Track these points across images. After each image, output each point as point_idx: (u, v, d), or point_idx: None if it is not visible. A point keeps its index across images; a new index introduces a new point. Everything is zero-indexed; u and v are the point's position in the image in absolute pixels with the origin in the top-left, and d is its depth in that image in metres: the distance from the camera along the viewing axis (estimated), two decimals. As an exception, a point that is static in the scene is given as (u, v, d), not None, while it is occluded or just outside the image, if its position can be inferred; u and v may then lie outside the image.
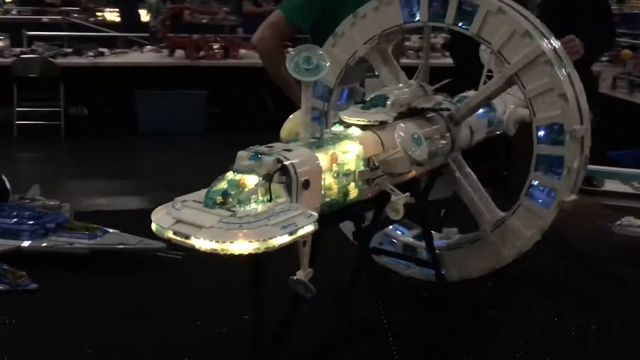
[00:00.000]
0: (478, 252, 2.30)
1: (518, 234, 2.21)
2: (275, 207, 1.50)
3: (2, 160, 7.84)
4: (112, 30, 13.07)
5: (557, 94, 2.04)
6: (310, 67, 1.65)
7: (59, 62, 9.10)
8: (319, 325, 2.43)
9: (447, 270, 2.33)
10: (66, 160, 9.30)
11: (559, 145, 2.08)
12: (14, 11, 16.04)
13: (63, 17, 14.04)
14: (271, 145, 1.66)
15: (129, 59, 9.44)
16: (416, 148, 1.79)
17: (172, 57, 9.33)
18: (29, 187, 3.53)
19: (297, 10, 2.92)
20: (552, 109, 2.06)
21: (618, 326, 2.56)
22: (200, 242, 1.40)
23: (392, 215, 1.83)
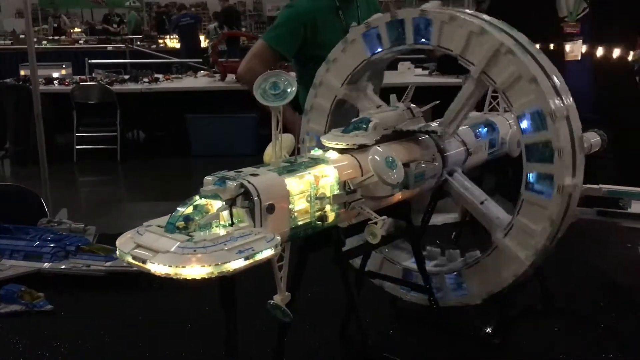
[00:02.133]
0: (496, 263, 2.24)
1: (529, 232, 2.14)
2: (235, 231, 1.53)
3: (63, 184, 8.15)
4: (172, 57, 13.46)
5: (527, 80, 2.01)
6: (278, 92, 1.68)
7: (116, 89, 9.43)
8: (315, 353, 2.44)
9: (470, 288, 2.28)
10: (122, 183, 9.58)
11: (543, 131, 2.03)
12: (82, 40, 16.83)
13: (126, 45, 14.62)
14: (240, 170, 1.69)
15: (182, 84, 9.71)
16: (390, 171, 1.78)
17: (223, 81, 9.54)
18: (86, 210, 3.69)
19: (279, 38, 3.00)
20: (526, 95, 2.02)
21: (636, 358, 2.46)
22: (155, 266, 1.43)
23: (370, 239, 1.83)
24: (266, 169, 1.72)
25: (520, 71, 2.02)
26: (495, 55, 2.04)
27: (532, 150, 2.08)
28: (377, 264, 2.49)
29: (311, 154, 1.89)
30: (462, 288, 2.30)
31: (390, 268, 2.46)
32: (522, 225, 2.14)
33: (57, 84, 9.51)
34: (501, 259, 2.22)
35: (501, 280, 2.23)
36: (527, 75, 2.01)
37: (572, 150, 2.03)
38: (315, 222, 1.79)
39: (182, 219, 1.54)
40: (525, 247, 2.16)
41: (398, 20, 2.21)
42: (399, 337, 2.59)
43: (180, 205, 1.58)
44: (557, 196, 2.04)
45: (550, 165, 2.04)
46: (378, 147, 1.83)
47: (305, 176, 1.75)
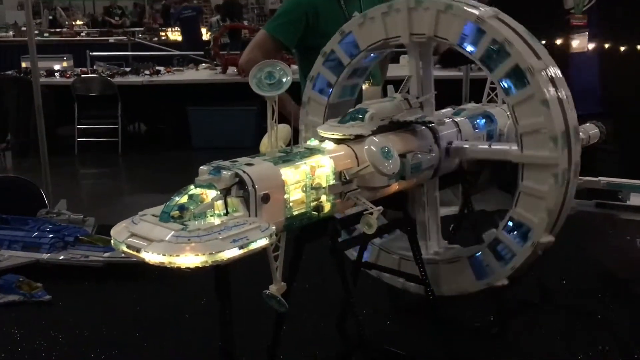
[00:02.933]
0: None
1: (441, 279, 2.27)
2: (229, 221, 1.52)
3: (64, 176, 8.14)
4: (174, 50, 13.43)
5: (544, 206, 2.02)
6: (273, 82, 1.67)
7: (117, 81, 9.41)
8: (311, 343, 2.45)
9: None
10: (123, 175, 9.58)
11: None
12: (83, 33, 16.79)
13: (128, 38, 14.58)
14: (235, 160, 1.69)
15: (183, 77, 9.69)
16: (386, 161, 1.78)
17: (224, 74, 9.51)
18: (87, 201, 3.70)
19: (281, 28, 2.98)
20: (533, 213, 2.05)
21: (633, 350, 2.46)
22: (149, 255, 1.43)
23: (365, 229, 1.83)
24: (261, 159, 1.72)
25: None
26: None
27: None
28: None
29: (307, 144, 1.88)
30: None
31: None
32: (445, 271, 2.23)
33: (58, 76, 9.49)
34: None
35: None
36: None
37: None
38: (311, 212, 1.79)
39: (176, 208, 1.53)
40: None
41: None
42: (396, 328, 2.60)
43: (175, 194, 1.58)
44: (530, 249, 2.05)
45: None
46: (374, 138, 1.83)
47: (301, 166, 1.75)
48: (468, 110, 2.45)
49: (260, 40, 3.06)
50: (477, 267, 2.20)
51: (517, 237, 2.09)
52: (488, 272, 2.17)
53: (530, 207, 2.05)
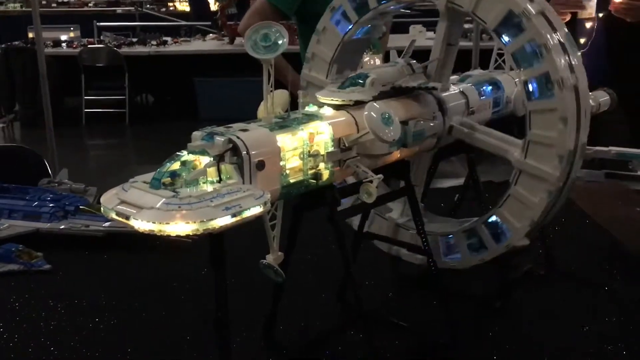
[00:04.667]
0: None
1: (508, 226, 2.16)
2: (222, 188, 1.48)
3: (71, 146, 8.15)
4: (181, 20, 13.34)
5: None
6: (269, 44, 1.61)
7: (124, 52, 9.36)
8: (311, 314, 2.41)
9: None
10: (130, 146, 9.58)
11: None
12: (91, 3, 16.69)
13: (135, 8, 14.47)
14: (229, 125, 1.64)
15: (190, 48, 9.61)
16: (386, 128, 1.72)
17: (232, 44, 9.43)
18: (94, 172, 3.67)
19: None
20: None
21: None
22: (139, 223, 1.39)
23: (365, 198, 1.78)
24: (257, 125, 1.66)
25: None
26: None
27: None
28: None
29: (305, 110, 1.83)
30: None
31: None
32: None
33: (65, 47, 9.45)
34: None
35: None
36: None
37: None
38: (309, 181, 1.74)
39: (168, 175, 1.49)
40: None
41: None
42: (398, 299, 2.56)
43: (166, 160, 1.54)
44: None
45: None
46: (374, 103, 1.77)
47: (299, 133, 1.69)
48: (474, 77, 2.39)
49: (259, 6, 3.01)
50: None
51: None
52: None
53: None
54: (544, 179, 1.97)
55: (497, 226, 2.13)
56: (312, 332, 2.30)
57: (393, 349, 2.22)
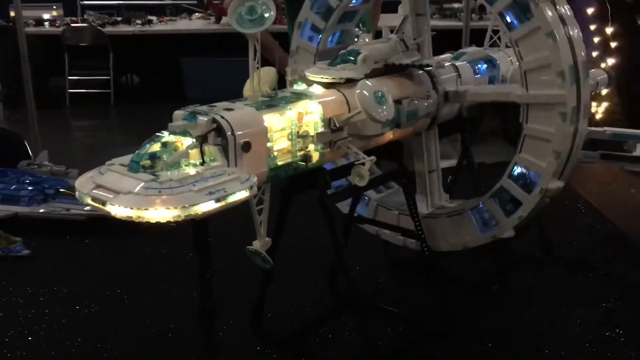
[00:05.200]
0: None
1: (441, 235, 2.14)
2: (206, 171, 1.38)
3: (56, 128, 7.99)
4: (165, -1, 13.07)
5: (551, 149, 1.87)
6: (255, 18, 1.51)
7: (108, 31, 9.14)
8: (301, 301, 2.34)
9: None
10: (115, 128, 9.42)
11: None
12: (74, -19, 16.37)
13: (120, -14, 14.18)
14: (213, 104, 1.54)
15: (176, 27, 9.41)
16: (379, 107, 1.63)
17: (218, 23, 9.25)
18: (79, 153, 3.57)
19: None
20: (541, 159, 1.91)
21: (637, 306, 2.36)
22: (116, 208, 1.30)
23: (356, 181, 1.69)
24: (242, 104, 1.57)
25: None
26: None
27: None
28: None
29: (294, 89, 1.73)
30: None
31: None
32: None
33: (48, 26, 9.23)
34: None
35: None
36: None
37: None
38: (298, 163, 1.65)
39: (147, 157, 1.39)
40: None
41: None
42: (391, 285, 2.50)
43: (146, 141, 1.44)
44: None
45: None
46: (367, 81, 1.67)
47: (287, 112, 1.60)
48: (469, 54, 2.30)
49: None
50: (481, 219, 2.07)
51: (523, 185, 1.95)
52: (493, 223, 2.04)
53: (537, 151, 1.90)
54: (553, 104, 1.84)
55: (524, 176, 1.96)
56: (302, 319, 2.23)
57: (386, 336, 2.16)
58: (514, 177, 1.97)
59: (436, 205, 2.18)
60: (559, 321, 2.24)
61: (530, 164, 1.92)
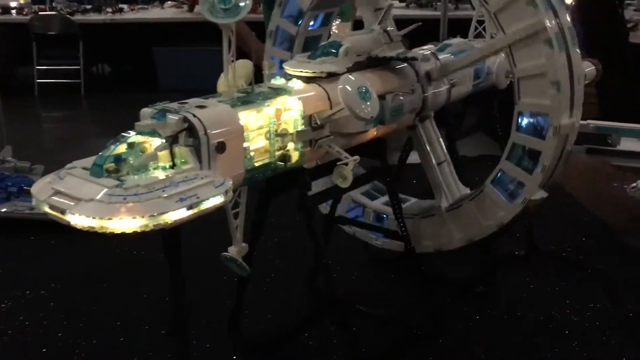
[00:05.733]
0: (432, 227, 2.06)
1: (473, 221, 1.96)
2: (176, 175, 1.27)
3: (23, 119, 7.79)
4: (137, -14, 12.83)
5: (548, 81, 1.73)
6: (229, 7, 1.39)
7: (77, 19, 8.93)
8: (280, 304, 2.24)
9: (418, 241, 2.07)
10: (86, 119, 9.23)
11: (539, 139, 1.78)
12: (42, -32, 16.00)
13: (89, -27, 13.89)
14: (185, 101, 1.42)
15: (148, 15, 9.21)
16: (363, 103, 1.52)
17: (192, 12, 9.07)
18: (49, 145, 3.43)
19: None
20: (542, 96, 1.75)
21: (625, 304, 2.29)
22: (76, 218, 1.17)
23: (339, 182, 1.58)
24: (216, 100, 1.45)
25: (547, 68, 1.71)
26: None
27: None
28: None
29: (272, 83, 1.62)
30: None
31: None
32: (469, 213, 1.93)
33: (15, 14, 8.97)
34: (440, 227, 2.05)
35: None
36: (551, 76, 1.71)
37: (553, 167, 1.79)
38: (277, 163, 1.54)
39: (112, 159, 1.27)
40: (461, 231, 1.99)
41: None
42: (373, 285, 2.40)
43: (110, 142, 1.32)
44: (520, 205, 1.83)
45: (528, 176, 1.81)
46: (350, 76, 1.57)
47: (264, 109, 1.49)
48: (453, 46, 2.19)
49: None
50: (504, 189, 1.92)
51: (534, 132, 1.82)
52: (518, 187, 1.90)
53: (536, 90, 1.77)
54: (534, 33, 1.71)
55: (532, 124, 1.81)
56: (282, 324, 2.12)
57: (370, 340, 2.06)
58: (523, 129, 1.82)
59: (456, 197, 2.04)
60: (547, 322, 2.17)
61: (534, 106, 1.78)
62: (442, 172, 2.07)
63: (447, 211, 2.02)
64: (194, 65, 8.96)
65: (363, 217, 2.24)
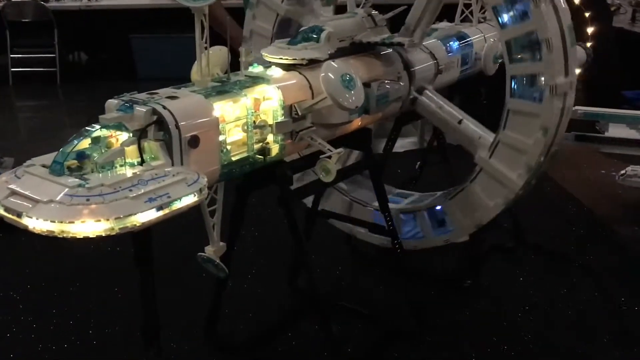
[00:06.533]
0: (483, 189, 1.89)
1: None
2: (145, 172, 1.16)
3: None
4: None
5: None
6: (201, -11, 1.29)
7: (51, 6, 8.71)
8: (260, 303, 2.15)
9: (459, 220, 1.93)
10: (63, 108, 9.05)
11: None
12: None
13: (65, -41, 13.60)
14: (154, 91, 1.31)
15: (124, 2, 9.01)
16: (347, 92, 1.42)
17: (170, -2, 8.89)
18: (23, 137, 3.29)
19: None
20: None
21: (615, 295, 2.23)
22: (34, 221, 1.07)
23: (322, 177, 1.49)
24: (189, 90, 1.35)
25: None
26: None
27: None
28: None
29: (249, 71, 1.51)
30: (445, 225, 1.97)
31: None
32: (510, 141, 1.77)
33: (-12, 1, 8.74)
34: (489, 184, 1.87)
35: (491, 207, 1.86)
36: None
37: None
38: (255, 157, 1.44)
39: (74, 156, 1.16)
40: (516, 166, 1.79)
41: None
42: (356, 281, 2.31)
43: (73, 137, 1.21)
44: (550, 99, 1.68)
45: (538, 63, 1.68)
46: (332, 63, 1.47)
47: (241, 99, 1.38)
48: (440, 31, 2.11)
49: None
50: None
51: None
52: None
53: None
54: None
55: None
56: (261, 324, 2.03)
57: (354, 339, 1.98)
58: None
59: (490, 142, 1.86)
60: (534, 315, 2.10)
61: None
62: (466, 128, 1.92)
63: (450, 199, 1.92)
64: (173, 52, 8.78)
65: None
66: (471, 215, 1.88)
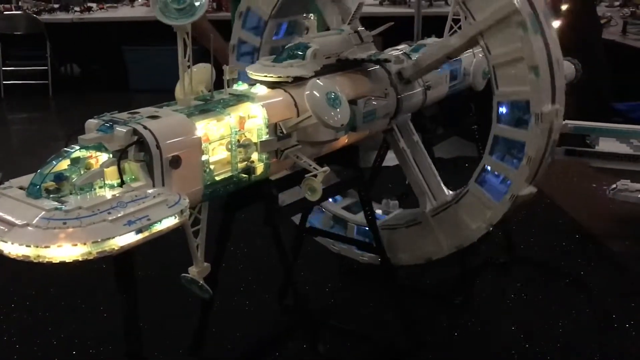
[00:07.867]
0: (419, 236, 1.93)
1: (461, 225, 1.84)
2: (125, 194, 1.14)
3: (-10, 122, 7.59)
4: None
5: (526, 66, 1.63)
6: (183, 7, 1.27)
7: (44, 19, 8.72)
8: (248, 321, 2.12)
9: (394, 254, 1.95)
10: (54, 121, 9.03)
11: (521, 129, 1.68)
12: (9, -34, 15.65)
13: (57, -29, 13.61)
14: (136, 110, 1.29)
15: (117, 14, 9.01)
16: (333, 110, 1.41)
17: (162, 10, 8.90)
18: (15, 150, 3.26)
19: None
20: (521, 82, 1.65)
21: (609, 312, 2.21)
22: (9, 246, 1.04)
23: (308, 196, 1.47)
24: (171, 109, 1.33)
25: None
26: None
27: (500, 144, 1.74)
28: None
29: (233, 89, 1.49)
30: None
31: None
32: (456, 216, 1.81)
33: (-20, 14, 8.73)
34: (424, 237, 1.93)
35: (418, 255, 1.93)
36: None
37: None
38: (240, 176, 1.42)
39: (52, 177, 1.14)
40: (453, 237, 1.87)
41: None
42: (346, 298, 2.29)
43: (51, 157, 1.19)
44: (508, 202, 1.71)
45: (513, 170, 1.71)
46: (318, 81, 1.45)
47: (225, 118, 1.37)
48: (428, 47, 2.09)
49: None
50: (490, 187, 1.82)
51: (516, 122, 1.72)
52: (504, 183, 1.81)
53: (514, 79, 1.68)
54: (506, 17, 1.62)
55: (511, 114, 1.72)
56: (250, 344, 2.00)
57: (345, 357, 1.95)
58: (503, 119, 1.73)
59: (442, 201, 1.92)
60: (529, 331, 2.09)
61: (513, 93, 1.69)
62: (425, 175, 1.94)
63: (433, 216, 1.90)
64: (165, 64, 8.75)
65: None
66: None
